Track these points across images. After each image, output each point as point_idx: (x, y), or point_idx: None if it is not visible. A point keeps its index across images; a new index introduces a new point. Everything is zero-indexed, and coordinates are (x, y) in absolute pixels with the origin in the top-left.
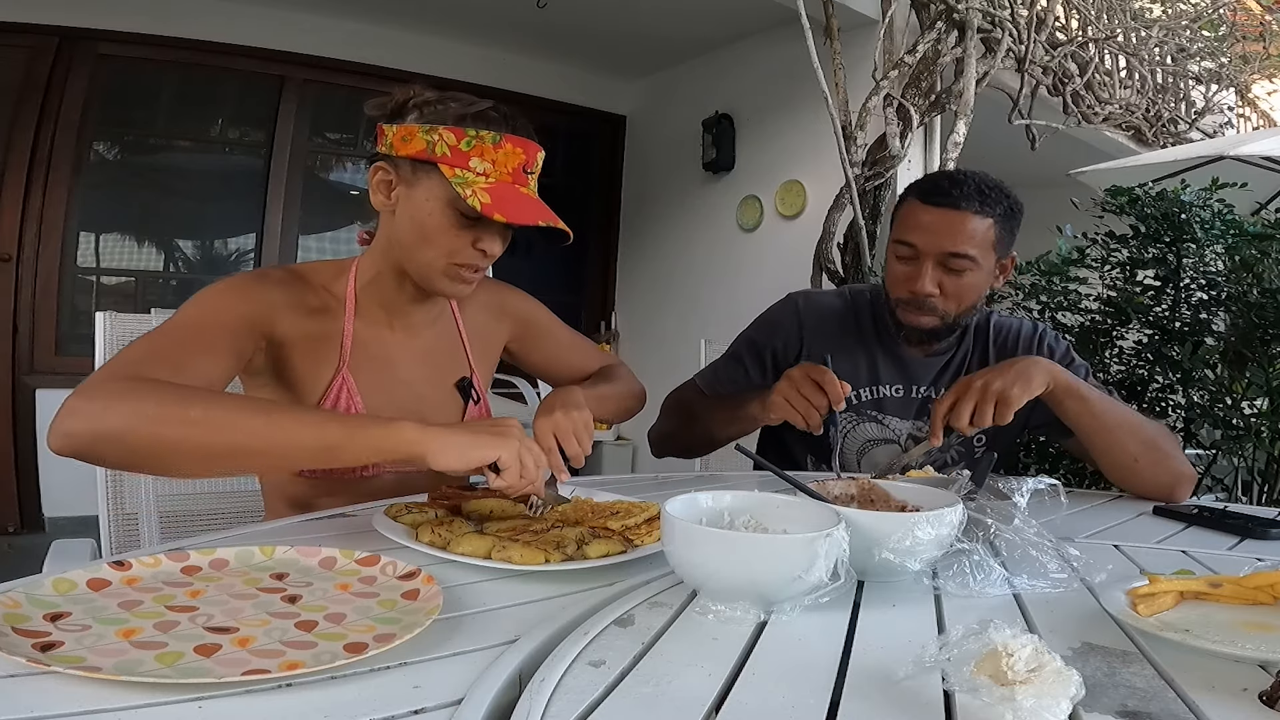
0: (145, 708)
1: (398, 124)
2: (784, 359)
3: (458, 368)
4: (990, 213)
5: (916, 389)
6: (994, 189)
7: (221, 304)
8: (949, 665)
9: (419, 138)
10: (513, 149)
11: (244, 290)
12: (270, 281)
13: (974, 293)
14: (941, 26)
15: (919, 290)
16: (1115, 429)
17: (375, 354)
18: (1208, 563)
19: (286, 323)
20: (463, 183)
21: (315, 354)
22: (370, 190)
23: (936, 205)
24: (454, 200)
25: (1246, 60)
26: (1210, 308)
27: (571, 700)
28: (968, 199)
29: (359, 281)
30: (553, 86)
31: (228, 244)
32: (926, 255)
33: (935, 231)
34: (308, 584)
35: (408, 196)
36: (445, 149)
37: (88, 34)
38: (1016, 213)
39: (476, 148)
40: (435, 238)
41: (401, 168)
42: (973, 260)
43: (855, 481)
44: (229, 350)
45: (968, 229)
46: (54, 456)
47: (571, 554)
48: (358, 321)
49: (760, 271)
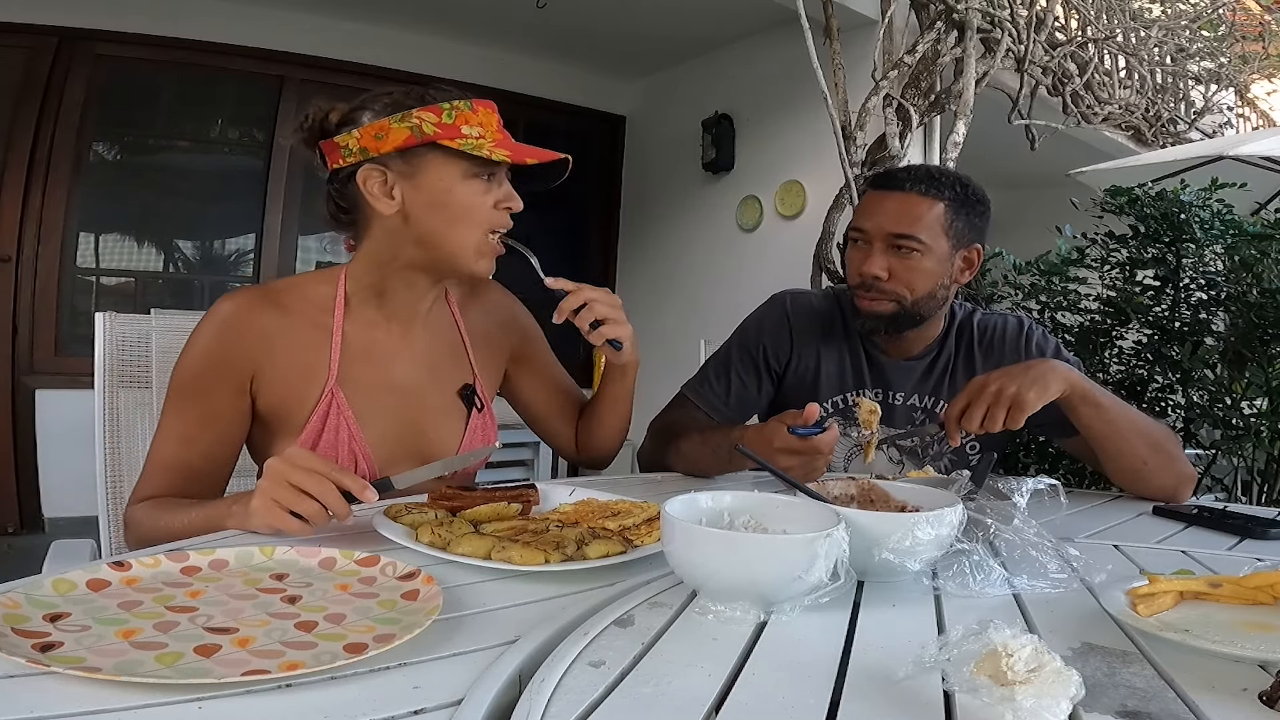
0: (145, 708)
1: (352, 129)
2: (775, 358)
3: (459, 372)
4: (939, 195)
5: (894, 395)
6: (945, 175)
7: (208, 359)
8: (949, 665)
9: (396, 129)
10: (485, 110)
11: (223, 335)
12: (245, 310)
13: (926, 279)
14: (941, 26)
15: (867, 271)
16: (1127, 434)
17: (369, 358)
18: (1207, 563)
19: (268, 349)
20: (472, 147)
21: (298, 375)
22: (368, 199)
23: (886, 189)
24: (467, 171)
25: (1246, 60)
26: (1210, 308)
27: (571, 700)
28: (914, 182)
29: (350, 286)
30: (553, 86)
31: (227, 244)
32: (875, 238)
33: (882, 214)
34: (308, 584)
35: (414, 188)
36: (431, 128)
37: (87, 34)
38: (974, 201)
39: (460, 116)
40: (465, 213)
41: (392, 164)
42: (920, 243)
43: (855, 482)
44: (232, 394)
45: (913, 211)
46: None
47: (571, 554)
48: (348, 325)
49: (760, 272)
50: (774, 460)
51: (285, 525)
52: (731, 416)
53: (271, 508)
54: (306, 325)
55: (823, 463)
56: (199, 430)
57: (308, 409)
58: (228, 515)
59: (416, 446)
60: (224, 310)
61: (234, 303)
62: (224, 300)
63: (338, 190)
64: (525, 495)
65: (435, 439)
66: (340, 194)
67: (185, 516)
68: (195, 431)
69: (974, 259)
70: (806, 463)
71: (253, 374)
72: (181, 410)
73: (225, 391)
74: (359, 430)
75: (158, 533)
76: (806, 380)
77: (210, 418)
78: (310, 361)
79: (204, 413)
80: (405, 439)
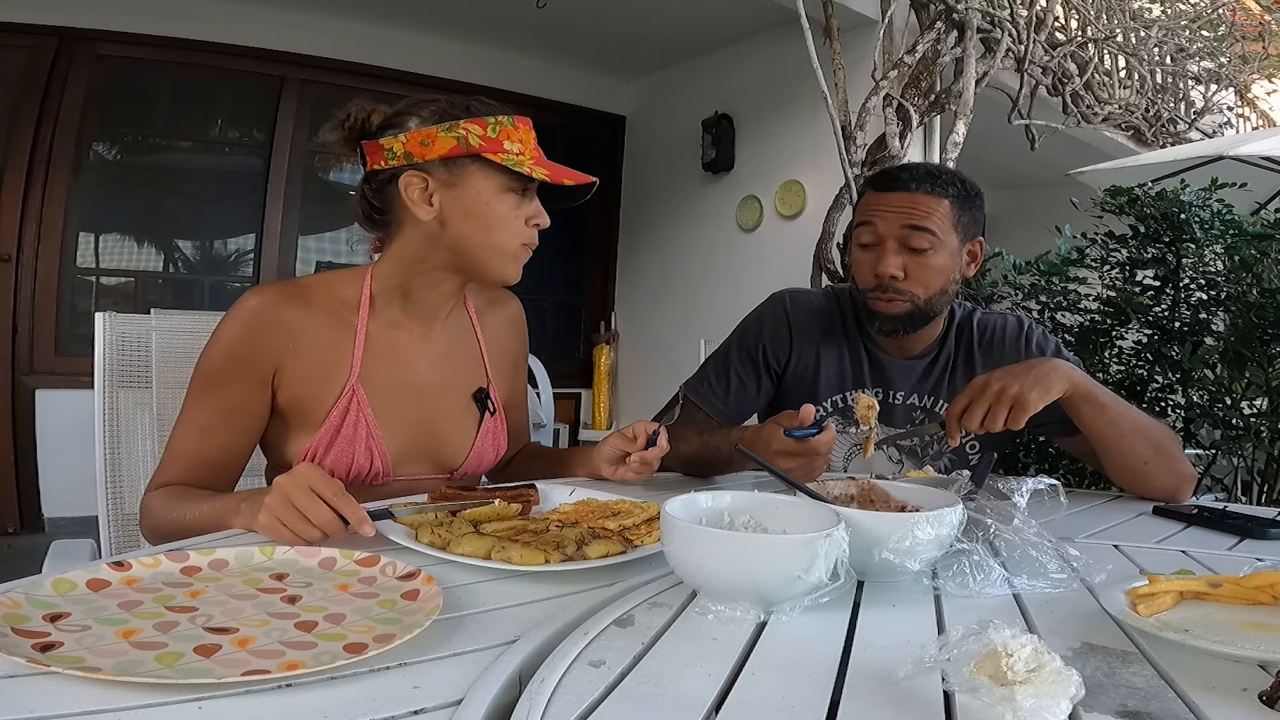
0: (145, 708)
1: (398, 134)
2: (775, 358)
3: (474, 375)
4: (944, 193)
5: (894, 394)
6: (945, 172)
7: (233, 352)
8: (949, 665)
9: (443, 138)
10: (524, 126)
11: (249, 329)
12: (272, 305)
13: (939, 275)
14: (941, 26)
15: (883, 271)
16: (1129, 434)
17: (391, 357)
18: (1207, 563)
19: (293, 344)
20: (513, 163)
21: (320, 370)
22: (407, 204)
23: (890, 190)
24: (505, 185)
25: (1246, 60)
26: (1210, 308)
27: (571, 700)
28: (919, 181)
29: (376, 286)
30: (553, 87)
31: (227, 244)
32: (887, 236)
33: (892, 213)
34: (308, 584)
35: (454, 197)
36: (477, 140)
37: (87, 34)
38: (972, 195)
39: (503, 131)
40: (501, 225)
41: (435, 172)
42: (934, 237)
43: (855, 482)
44: (255, 388)
45: (923, 207)
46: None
47: (571, 554)
48: (372, 324)
49: (760, 271)
50: (771, 463)
51: (288, 544)
52: (731, 416)
53: (277, 528)
54: (331, 322)
55: (821, 464)
56: (220, 421)
57: (328, 405)
58: (235, 514)
59: (430, 446)
60: (251, 304)
61: (261, 297)
62: (251, 294)
63: (374, 191)
64: (525, 495)
65: (449, 440)
66: (376, 195)
67: (196, 509)
68: (216, 423)
69: (978, 252)
70: (804, 464)
71: (276, 368)
72: (204, 401)
73: (248, 384)
74: (377, 427)
75: (169, 522)
76: (806, 379)
77: (231, 410)
78: (333, 358)
79: (226, 405)
80: (420, 438)
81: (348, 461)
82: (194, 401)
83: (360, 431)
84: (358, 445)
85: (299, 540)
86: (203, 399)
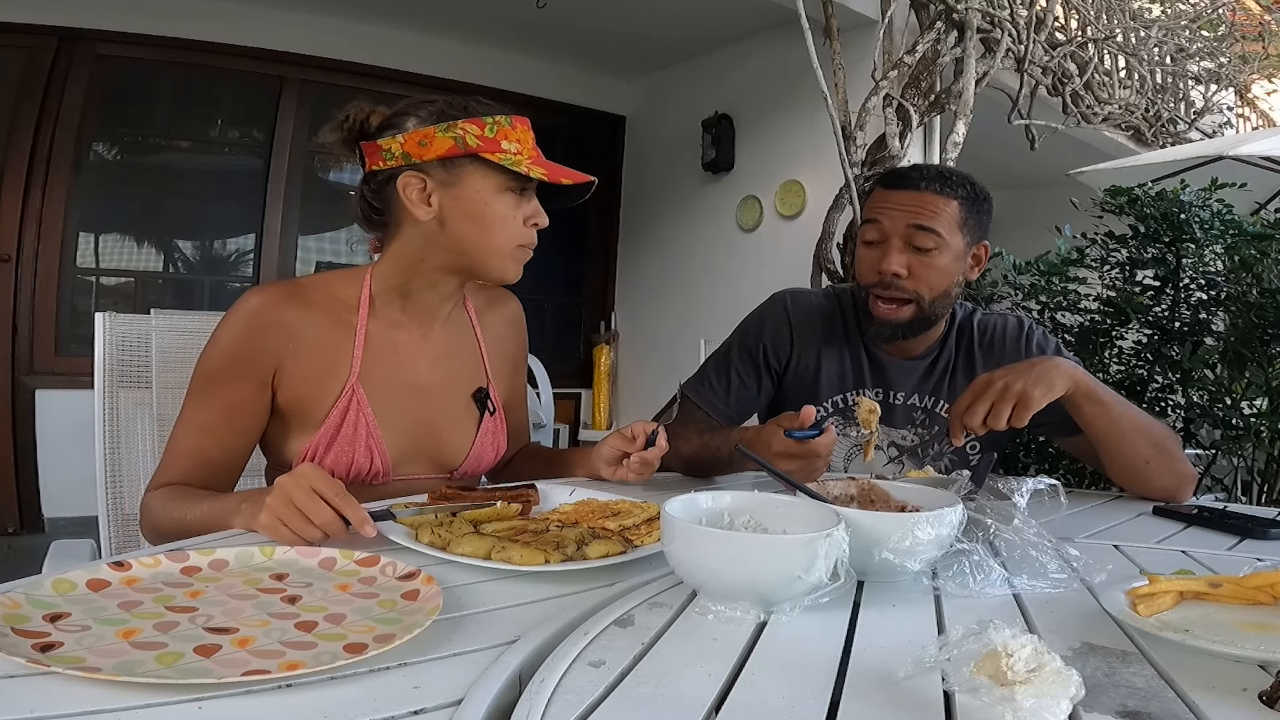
0: (145, 708)
1: (396, 134)
2: (775, 358)
3: (474, 375)
4: (953, 193)
5: (895, 394)
6: (955, 173)
7: (233, 351)
8: (949, 665)
9: (441, 138)
10: (523, 126)
11: (249, 329)
12: (272, 305)
13: (943, 276)
14: (941, 26)
15: (886, 268)
16: (1130, 433)
17: (391, 357)
18: (1207, 563)
19: (293, 344)
20: (511, 162)
21: (321, 370)
22: (406, 204)
23: (899, 188)
24: (502, 185)
25: (1246, 60)
26: (1210, 308)
27: (571, 700)
28: (928, 180)
29: (375, 286)
30: (553, 87)
31: (227, 244)
32: (892, 234)
33: (899, 211)
34: (308, 584)
35: (453, 197)
36: (475, 140)
37: (87, 34)
38: (982, 199)
39: (500, 131)
40: (500, 225)
41: (433, 172)
42: (939, 238)
43: (855, 482)
44: (255, 387)
45: (931, 206)
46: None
47: (571, 554)
48: (372, 324)
49: (760, 271)
50: (772, 464)
51: (289, 544)
52: (731, 416)
53: (278, 528)
54: (331, 322)
55: (821, 465)
56: (220, 421)
57: (328, 404)
58: (235, 513)
59: (430, 446)
60: (251, 304)
61: (261, 297)
62: (251, 294)
63: (373, 191)
64: (525, 495)
65: (448, 439)
66: (375, 195)
67: (197, 509)
68: (216, 422)
69: (982, 256)
70: (804, 466)
71: (276, 368)
72: (204, 401)
73: (248, 384)
74: (377, 427)
75: (169, 522)
76: (807, 379)
77: (232, 409)
78: (333, 358)
79: (226, 404)
80: (420, 438)
81: (348, 461)
82: (194, 401)
83: (360, 431)
84: (358, 445)
85: (300, 540)
86: (203, 399)
